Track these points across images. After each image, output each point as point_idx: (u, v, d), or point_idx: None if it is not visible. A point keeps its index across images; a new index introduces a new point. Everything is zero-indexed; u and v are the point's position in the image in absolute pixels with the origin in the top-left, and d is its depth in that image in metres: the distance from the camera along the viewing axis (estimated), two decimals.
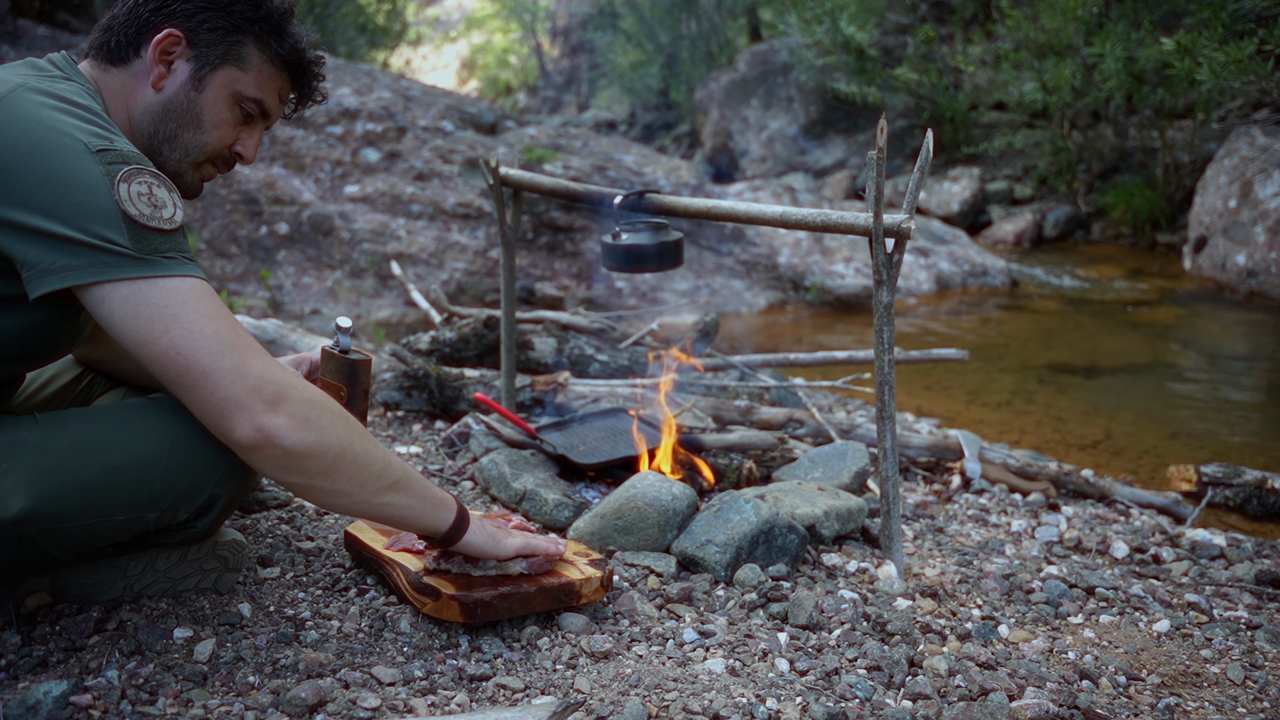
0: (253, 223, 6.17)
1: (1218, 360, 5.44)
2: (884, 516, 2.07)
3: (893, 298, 1.97)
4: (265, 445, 1.33)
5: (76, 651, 1.49)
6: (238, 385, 1.31)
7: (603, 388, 3.04)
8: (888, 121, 1.90)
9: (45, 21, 8.07)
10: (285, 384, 1.35)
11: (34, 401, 1.78)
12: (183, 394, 1.33)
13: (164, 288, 1.31)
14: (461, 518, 1.60)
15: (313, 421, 1.36)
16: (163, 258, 1.32)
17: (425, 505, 1.55)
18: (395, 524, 1.56)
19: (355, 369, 1.75)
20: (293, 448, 1.34)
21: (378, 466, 1.46)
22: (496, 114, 8.08)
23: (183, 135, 1.55)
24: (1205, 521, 3.01)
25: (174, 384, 1.33)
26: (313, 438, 1.36)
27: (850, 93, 10.76)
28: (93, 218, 1.29)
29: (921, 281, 7.12)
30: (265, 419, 1.32)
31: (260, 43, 1.57)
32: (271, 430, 1.32)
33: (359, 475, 1.43)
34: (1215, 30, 6.61)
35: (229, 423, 1.32)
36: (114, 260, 1.29)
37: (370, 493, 1.46)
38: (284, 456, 1.35)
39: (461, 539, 1.61)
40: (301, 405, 1.36)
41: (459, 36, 22.65)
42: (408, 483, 1.52)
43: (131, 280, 1.29)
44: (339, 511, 1.51)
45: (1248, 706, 1.67)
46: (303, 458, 1.36)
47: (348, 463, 1.41)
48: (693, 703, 1.45)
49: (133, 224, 1.31)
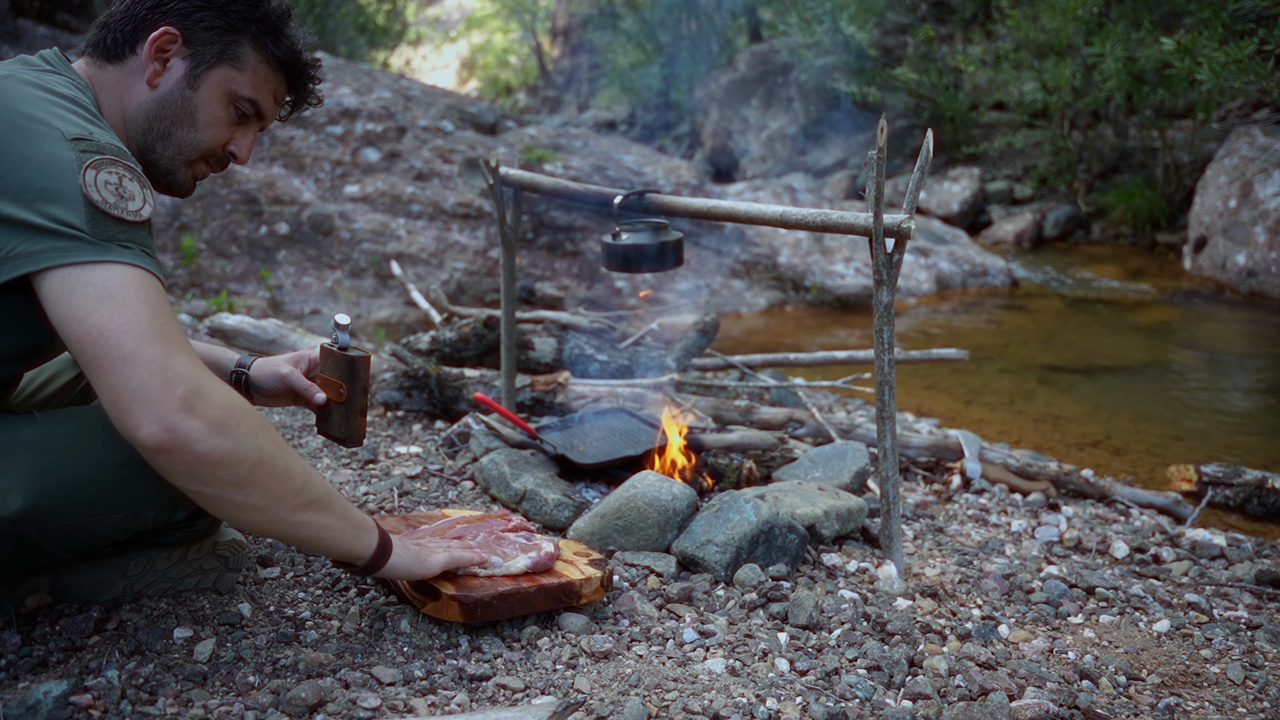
0: (253, 223, 6.17)
1: (1218, 360, 5.44)
2: (884, 516, 2.07)
3: (893, 298, 1.97)
4: (173, 448, 1.21)
5: (76, 651, 1.49)
6: (153, 377, 1.20)
7: (603, 388, 3.04)
8: (888, 121, 1.90)
9: (45, 21, 8.07)
10: (206, 385, 1.25)
11: (33, 401, 1.78)
12: (95, 377, 1.22)
13: (108, 271, 1.24)
14: (384, 542, 1.51)
15: (230, 427, 1.25)
16: (119, 245, 1.27)
17: (346, 527, 1.44)
18: (312, 547, 1.43)
19: (354, 365, 1.75)
20: (204, 454, 1.23)
21: (297, 482, 1.35)
22: (496, 114, 8.08)
23: (176, 133, 1.54)
24: (1205, 521, 3.01)
25: (89, 367, 1.22)
26: (228, 445, 1.25)
27: (850, 93, 10.76)
28: (52, 200, 1.25)
29: (921, 281, 7.12)
30: (177, 418, 1.21)
31: (256, 43, 1.57)
32: (183, 432, 1.21)
33: (276, 490, 1.32)
34: (1215, 30, 6.61)
35: (134, 417, 1.20)
36: (69, 245, 1.24)
37: (287, 509, 1.35)
38: (194, 462, 1.24)
39: (386, 564, 1.52)
40: (219, 409, 1.25)
41: (459, 36, 22.65)
42: (328, 501, 1.41)
43: (79, 264, 1.23)
44: (250, 530, 1.39)
45: (1248, 706, 1.67)
46: (214, 466, 1.25)
47: (265, 475, 1.30)
48: (693, 703, 1.45)
49: (93, 208, 1.26)
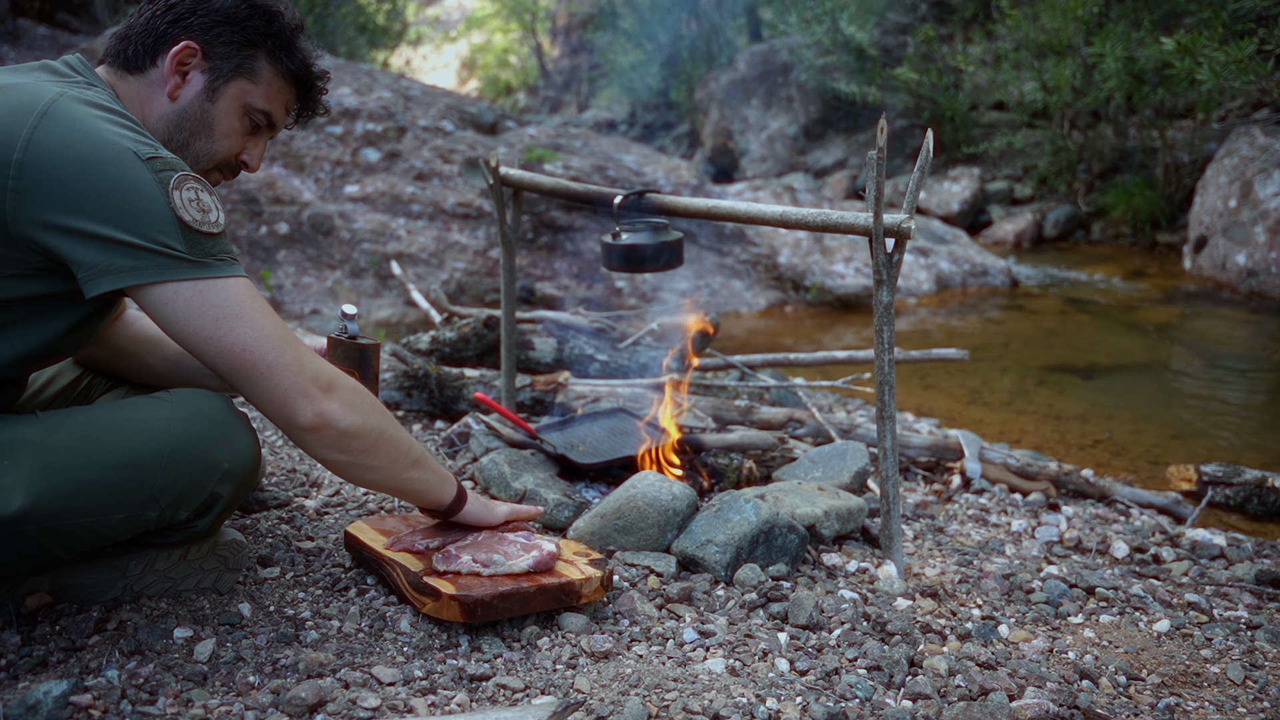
0: (253, 222, 6.17)
1: (1218, 360, 5.44)
2: (884, 516, 2.07)
3: (893, 298, 1.97)
4: (324, 427, 1.47)
5: (76, 651, 1.49)
6: (300, 376, 1.44)
7: (603, 388, 3.04)
8: (888, 121, 1.90)
9: (45, 21, 8.08)
10: (334, 373, 1.50)
11: (35, 402, 1.78)
12: (246, 385, 1.44)
13: (223, 289, 1.41)
14: (461, 490, 1.79)
15: (359, 406, 1.52)
16: (215, 260, 1.42)
17: (438, 480, 1.73)
18: (412, 497, 1.72)
19: (366, 353, 1.80)
20: (345, 429, 1.49)
21: (405, 445, 1.62)
22: (496, 114, 8.08)
23: (194, 143, 1.60)
24: (1205, 521, 3.01)
25: (238, 376, 1.43)
26: (360, 420, 1.51)
27: (850, 93, 10.76)
28: (151, 224, 1.37)
29: (921, 281, 7.12)
30: (324, 405, 1.46)
31: (272, 57, 1.64)
32: (330, 414, 1.47)
33: (393, 453, 1.59)
34: (1215, 30, 6.61)
35: (293, 409, 1.45)
36: (172, 263, 1.38)
37: (400, 469, 1.62)
38: (337, 437, 1.49)
39: (462, 510, 1.79)
40: (350, 392, 1.51)
41: (459, 36, 22.64)
42: (425, 460, 1.69)
43: (192, 281, 1.39)
44: (371, 487, 1.66)
45: (1248, 706, 1.67)
46: (352, 438, 1.51)
47: (385, 442, 1.56)
48: (693, 703, 1.45)
49: (187, 229, 1.39)
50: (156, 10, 1.58)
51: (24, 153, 1.33)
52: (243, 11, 1.59)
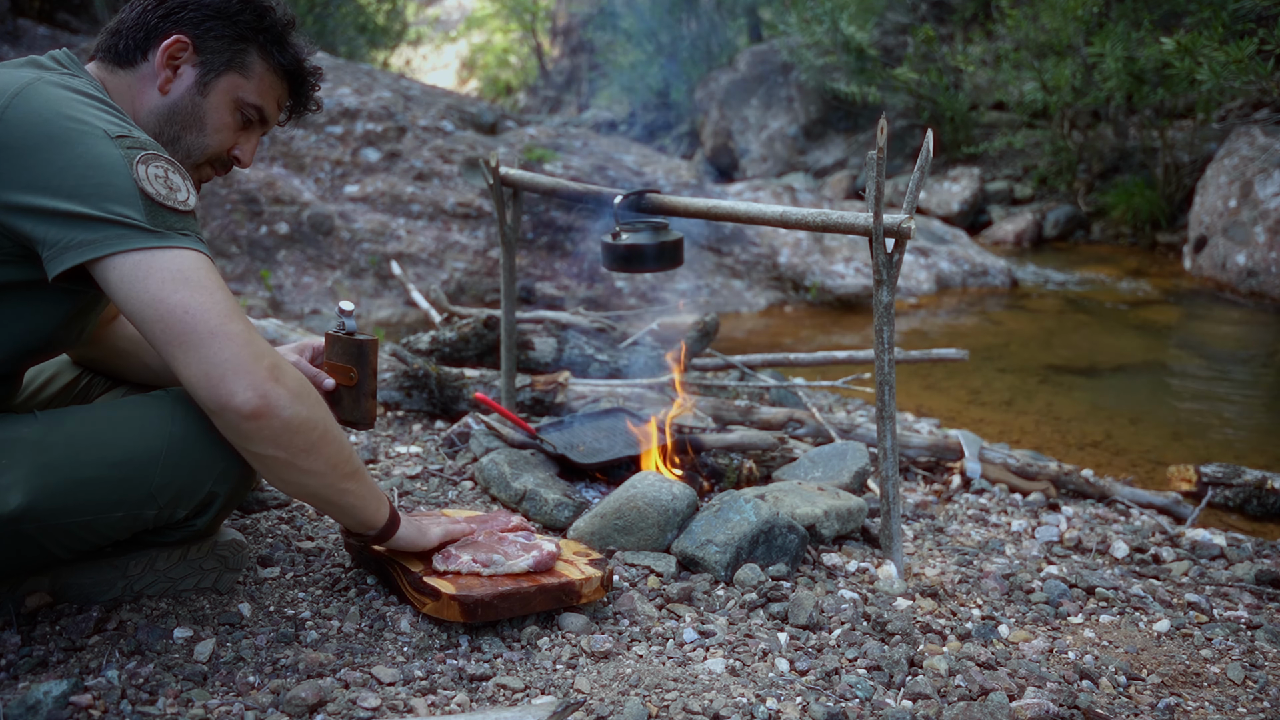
0: (253, 222, 6.17)
1: (1218, 360, 5.44)
2: (884, 516, 2.07)
3: (893, 298, 1.97)
4: (265, 413, 1.34)
5: (76, 651, 1.49)
6: (244, 350, 1.32)
7: (603, 388, 3.04)
8: (888, 121, 1.90)
9: (45, 21, 8.07)
10: (281, 359, 1.39)
11: (34, 402, 1.78)
12: (183, 353, 1.31)
13: (177, 255, 1.33)
14: (394, 515, 1.65)
15: (305, 396, 1.40)
16: (177, 233, 1.35)
17: (373, 498, 1.60)
18: (344, 513, 1.57)
19: (364, 349, 1.78)
20: (289, 419, 1.36)
21: (346, 452, 1.50)
22: (496, 114, 8.08)
23: (185, 137, 1.59)
24: (1205, 521, 3.01)
25: (175, 342, 1.31)
26: (305, 412, 1.39)
27: (850, 93, 10.76)
28: (111, 196, 1.31)
29: (921, 281, 7.12)
30: (267, 386, 1.34)
31: (263, 52, 1.63)
32: (273, 398, 1.34)
33: (334, 457, 1.46)
34: (1215, 30, 6.61)
35: (230, 385, 1.32)
36: (129, 233, 1.31)
37: (338, 477, 1.49)
38: (279, 427, 1.36)
39: (395, 534, 1.66)
40: (296, 380, 1.40)
41: (459, 36, 22.64)
42: (363, 473, 1.56)
43: (145, 250, 1.32)
44: (301, 493, 1.51)
45: (1248, 706, 1.67)
46: (294, 431, 1.38)
47: (328, 442, 1.44)
48: (693, 703, 1.45)
49: (149, 200, 1.33)
50: (148, 4, 1.57)
51: None
52: (234, 6, 1.59)
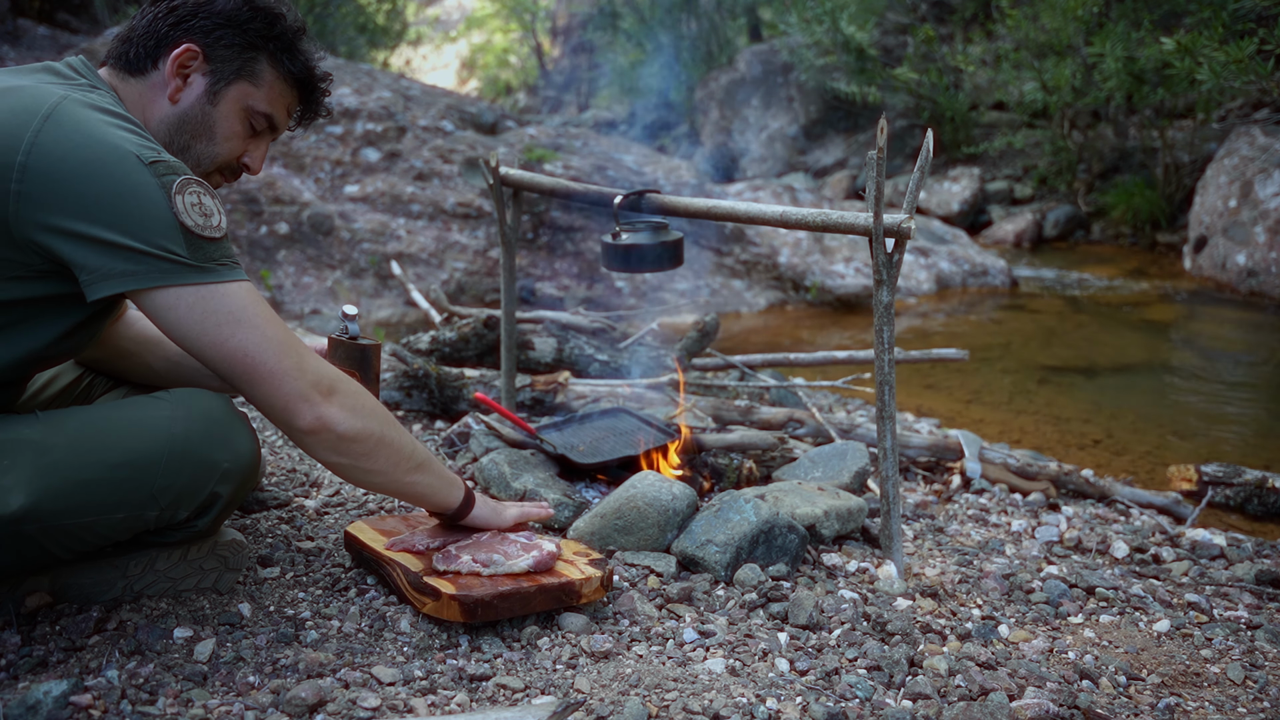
0: (253, 222, 6.17)
1: (1218, 360, 5.44)
2: (884, 516, 2.07)
3: (893, 298, 1.97)
4: (323, 430, 1.48)
5: (76, 651, 1.49)
6: (301, 381, 1.45)
7: (603, 388, 3.04)
8: (888, 121, 1.90)
9: (45, 21, 8.08)
10: (335, 377, 1.51)
11: (35, 402, 1.78)
12: (248, 388, 1.45)
13: (225, 293, 1.42)
14: (469, 494, 1.79)
15: (359, 410, 1.52)
16: (217, 265, 1.42)
17: (443, 484, 1.73)
18: (417, 500, 1.72)
19: (367, 353, 1.79)
20: (344, 433, 1.50)
21: (408, 449, 1.62)
22: (496, 114, 8.07)
23: (196, 146, 1.60)
24: (1205, 521, 3.01)
25: (240, 380, 1.45)
26: (360, 424, 1.51)
27: (850, 93, 10.76)
28: (152, 229, 1.37)
29: (921, 281, 7.12)
30: (324, 409, 1.47)
31: (273, 60, 1.64)
32: (329, 418, 1.48)
33: (394, 457, 1.59)
34: (1215, 30, 6.61)
35: (293, 413, 1.46)
36: (174, 268, 1.38)
37: (402, 473, 1.62)
38: (337, 440, 1.50)
39: (470, 513, 1.78)
40: (350, 396, 1.52)
41: (459, 36, 22.63)
42: (429, 463, 1.68)
43: (194, 286, 1.40)
44: (373, 489, 1.67)
45: (1248, 706, 1.67)
46: (351, 441, 1.51)
47: (386, 446, 1.57)
48: (693, 703, 1.45)
49: (189, 234, 1.39)
50: (158, 13, 1.58)
51: (27, 155, 1.33)
52: (244, 14, 1.59)
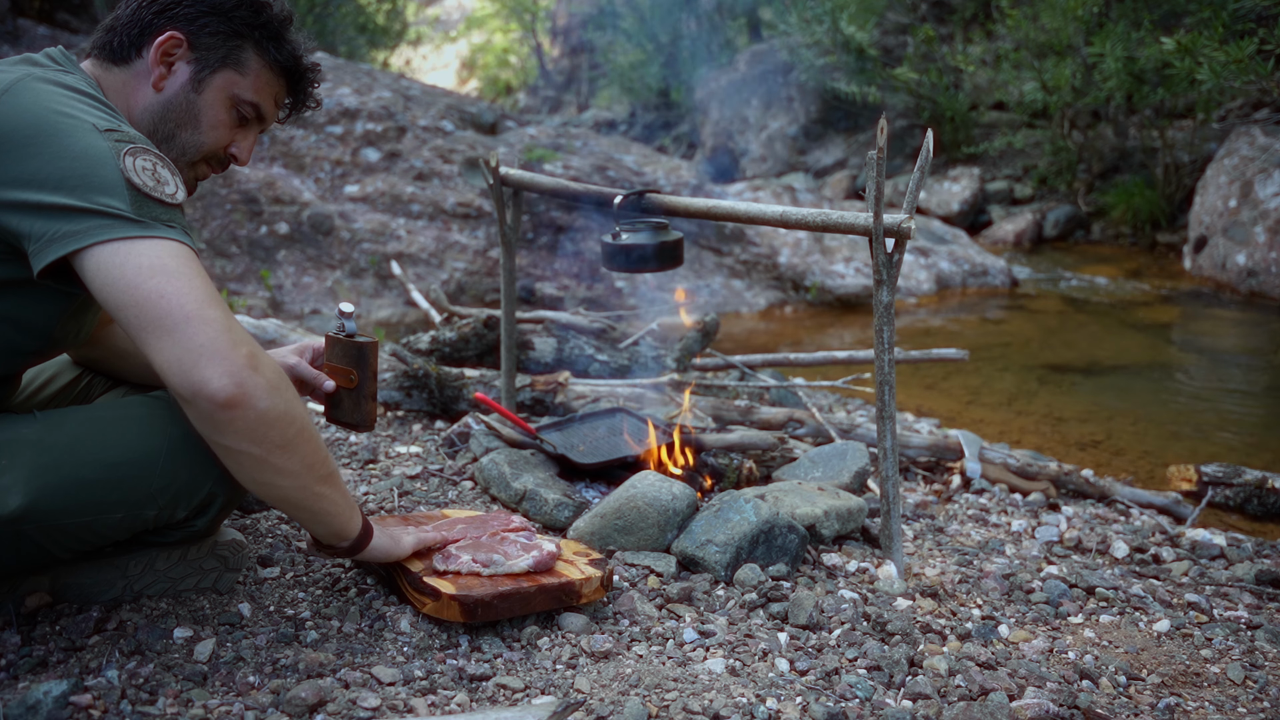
0: (253, 222, 6.17)
1: (1218, 360, 5.44)
2: (884, 516, 2.07)
3: (893, 298, 1.97)
4: (241, 403, 1.28)
5: (76, 651, 1.49)
6: (222, 335, 1.27)
7: (603, 388, 3.04)
8: (888, 121, 1.90)
9: (45, 21, 8.08)
10: (260, 350, 1.33)
11: (34, 402, 1.78)
12: (156, 338, 1.26)
13: (157, 244, 1.30)
14: (367, 526, 1.60)
15: (282, 389, 1.34)
16: (161, 224, 1.32)
17: (347, 505, 1.54)
18: (316, 519, 1.50)
19: (364, 351, 1.77)
20: (265, 410, 1.30)
21: (322, 453, 1.44)
22: (496, 114, 8.08)
23: (180, 135, 1.57)
24: (1205, 521, 3.01)
25: (149, 328, 1.26)
26: (282, 405, 1.33)
27: (850, 93, 10.76)
28: (96, 187, 1.29)
29: (921, 281, 7.12)
30: (245, 374, 1.27)
31: (259, 48, 1.61)
32: (250, 387, 1.28)
33: (310, 457, 1.40)
34: (1215, 30, 6.61)
35: (205, 370, 1.25)
36: (113, 223, 1.29)
37: (313, 479, 1.43)
38: (254, 419, 1.30)
39: (368, 545, 1.61)
40: (274, 371, 1.34)
41: (459, 36, 22.63)
42: (337, 478, 1.50)
43: (126, 239, 1.28)
44: (271, 495, 1.43)
45: (1248, 706, 1.67)
46: (270, 424, 1.32)
47: (305, 440, 1.38)
48: (693, 703, 1.45)
49: (135, 190, 1.31)
50: (142, 1, 1.56)
51: None
52: (229, 2, 1.57)
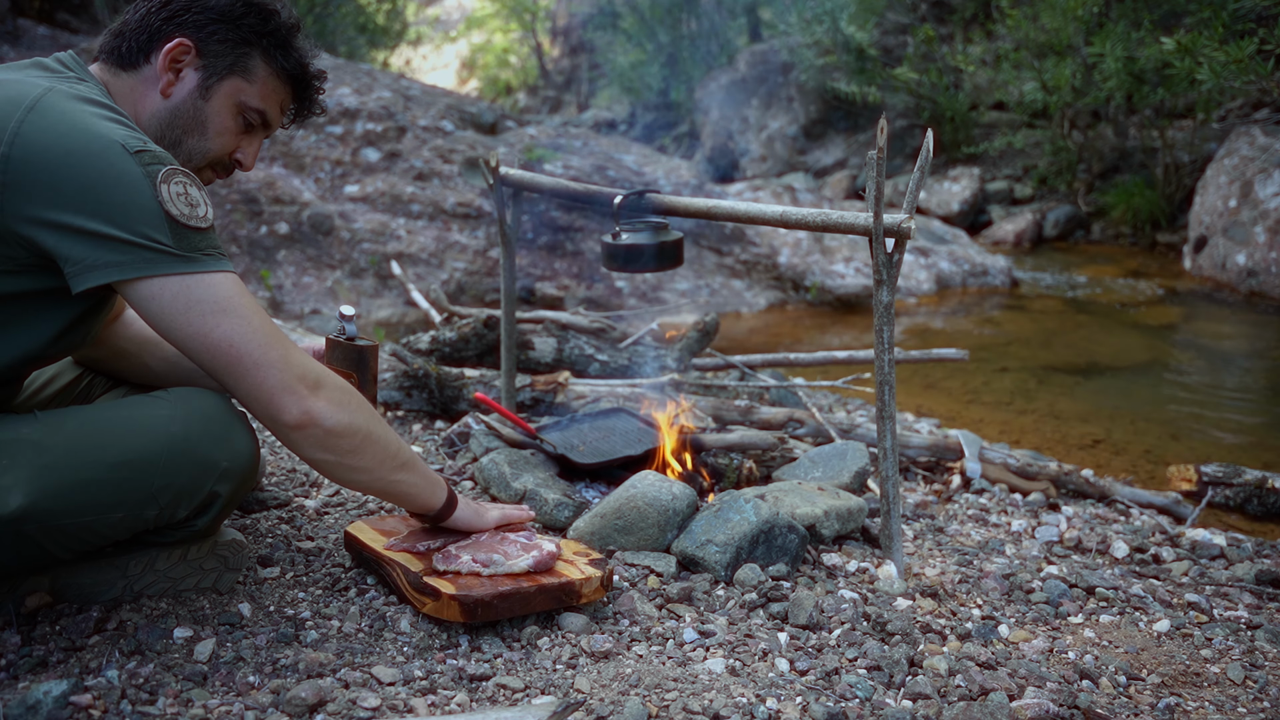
0: (253, 222, 6.17)
1: (1218, 360, 5.44)
2: (884, 516, 2.07)
3: (893, 298, 1.97)
4: (309, 425, 1.45)
5: (76, 651, 1.49)
6: (286, 373, 1.43)
7: (603, 388, 3.04)
8: (888, 121, 1.90)
9: (45, 21, 8.08)
10: (321, 372, 1.49)
11: (34, 402, 1.78)
12: (232, 381, 1.43)
13: (210, 283, 1.40)
14: (451, 495, 1.77)
15: (346, 405, 1.50)
16: (203, 255, 1.41)
17: (427, 484, 1.71)
18: (401, 500, 1.70)
19: (364, 354, 1.79)
20: (331, 428, 1.47)
21: (393, 447, 1.60)
22: (496, 114, 8.07)
23: (187, 141, 1.59)
24: (1205, 521, 3.01)
25: (224, 372, 1.42)
26: (347, 419, 1.49)
27: (850, 93, 10.76)
28: (137, 218, 1.35)
29: (921, 281, 7.12)
30: (310, 403, 1.45)
31: (267, 56, 1.63)
32: (315, 413, 1.45)
33: (380, 454, 1.57)
34: (1215, 30, 6.61)
35: (278, 406, 1.43)
36: (159, 258, 1.36)
37: (387, 470, 1.60)
38: (323, 436, 1.47)
39: (452, 515, 1.77)
40: (336, 390, 1.50)
41: (459, 36, 22.63)
42: (414, 463, 1.67)
43: (179, 275, 1.38)
44: (357, 488, 1.65)
45: (1248, 706, 1.67)
46: (338, 437, 1.49)
47: (372, 443, 1.55)
48: (693, 703, 1.45)
49: (174, 223, 1.38)
50: (151, 7, 1.57)
51: (10, 146, 1.32)
52: (238, 9, 1.58)
